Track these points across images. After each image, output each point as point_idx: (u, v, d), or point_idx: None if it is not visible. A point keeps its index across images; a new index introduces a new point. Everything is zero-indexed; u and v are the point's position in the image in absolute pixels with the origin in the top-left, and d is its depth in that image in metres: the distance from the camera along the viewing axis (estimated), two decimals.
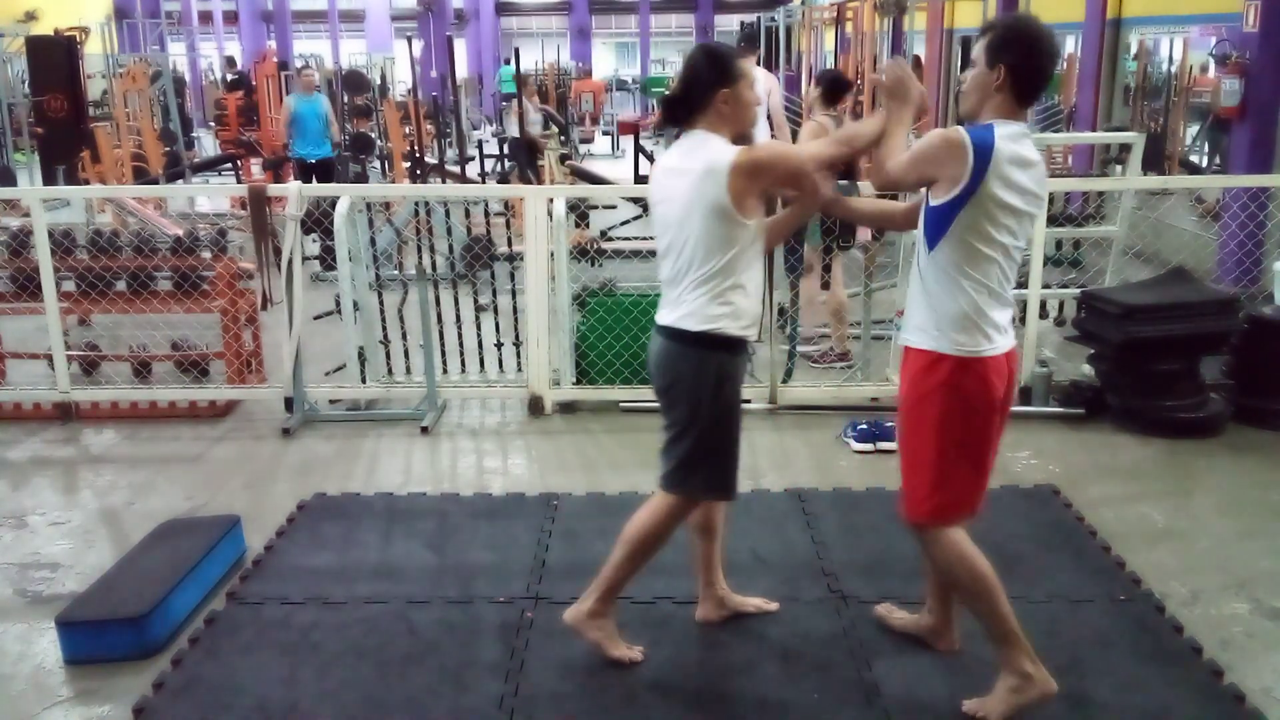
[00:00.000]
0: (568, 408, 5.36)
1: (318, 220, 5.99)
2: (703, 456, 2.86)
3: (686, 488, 2.89)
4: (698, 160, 2.74)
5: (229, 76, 18.50)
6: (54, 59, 12.92)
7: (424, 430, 5.10)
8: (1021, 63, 2.57)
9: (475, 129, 18.28)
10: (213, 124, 17.41)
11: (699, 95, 2.77)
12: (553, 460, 4.81)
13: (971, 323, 2.60)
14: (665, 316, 2.86)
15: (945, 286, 2.62)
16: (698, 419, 2.82)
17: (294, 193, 5.28)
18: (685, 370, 2.81)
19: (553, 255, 5.24)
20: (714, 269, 2.74)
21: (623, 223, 8.70)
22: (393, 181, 11.55)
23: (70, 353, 5.56)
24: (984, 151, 2.52)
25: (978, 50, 2.63)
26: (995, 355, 2.63)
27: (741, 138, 2.81)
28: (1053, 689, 2.69)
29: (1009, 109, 2.60)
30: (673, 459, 2.88)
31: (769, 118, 7.25)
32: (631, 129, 14.92)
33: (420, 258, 5.70)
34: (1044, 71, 2.62)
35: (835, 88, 6.10)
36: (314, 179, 9.60)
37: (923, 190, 2.70)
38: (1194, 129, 12.19)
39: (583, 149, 18.01)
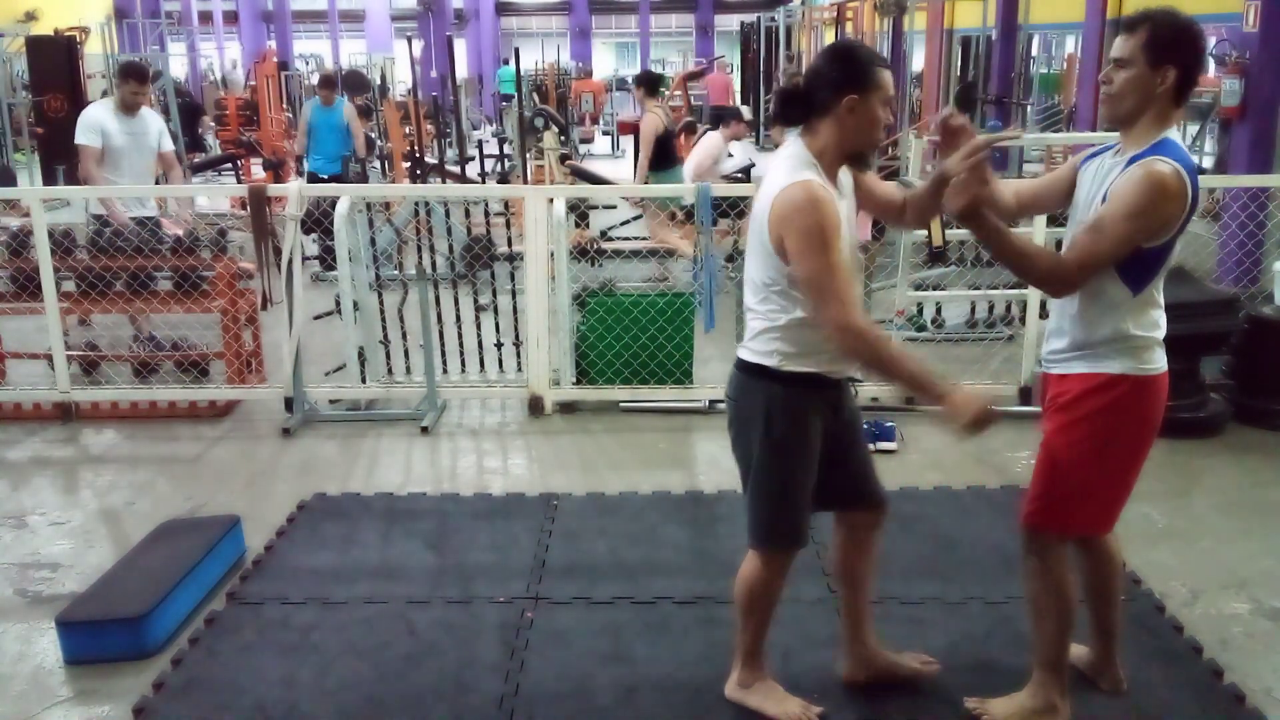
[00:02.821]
0: (568, 408, 5.36)
1: (318, 220, 5.99)
2: (762, 497, 2.63)
3: (753, 533, 2.67)
4: (769, 179, 2.46)
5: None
6: (54, 59, 12.91)
7: (424, 430, 5.10)
8: (1190, 62, 2.39)
9: (475, 129, 18.29)
10: (213, 124, 17.37)
11: (823, 95, 2.41)
12: (553, 460, 4.81)
13: (1152, 341, 2.49)
14: (741, 343, 2.65)
15: (1135, 321, 2.45)
16: (750, 456, 2.61)
17: (294, 193, 5.28)
18: (741, 401, 2.62)
19: (553, 255, 5.24)
20: (767, 298, 2.51)
21: (623, 223, 8.69)
22: (393, 181, 11.54)
23: (70, 353, 5.56)
24: (1196, 183, 2.36)
25: (1130, 49, 2.39)
26: (1165, 371, 2.52)
27: (859, 158, 2.50)
28: None
29: (1170, 113, 2.42)
30: (751, 508, 2.67)
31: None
32: (631, 129, 14.90)
33: (420, 258, 5.70)
34: (1201, 71, 2.49)
35: (652, 82, 8.07)
36: None
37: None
38: (1193, 129, 12.18)
39: (583, 149, 18.01)
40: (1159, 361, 2.51)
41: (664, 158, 7.99)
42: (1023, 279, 2.50)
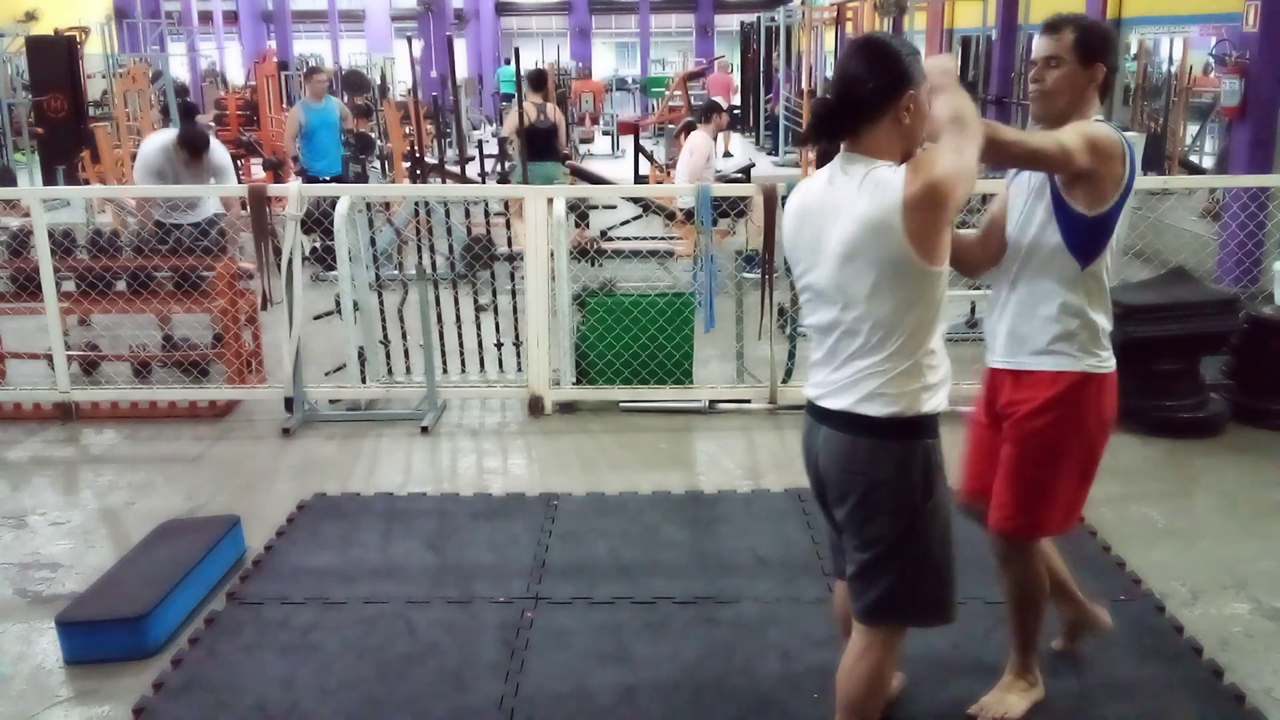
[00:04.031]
0: (568, 408, 5.36)
1: (318, 220, 5.99)
2: (922, 575, 2.26)
3: (904, 616, 2.32)
4: (861, 198, 2.12)
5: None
6: (54, 59, 12.91)
7: (424, 430, 5.10)
8: (1115, 62, 2.55)
9: (475, 129, 18.28)
10: (212, 124, 17.37)
11: (875, 102, 2.13)
12: (553, 460, 4.81)
13: (1106, 336, 2.56)
14: (838, 399, 2.22)
15: (1089, 300, 2.51)
16: (913, 530, 2.24)
17: (294, 193, 5.28)
18: (885, 471, 2.20)
19: (553, 255, 5.24)
20: (905, 339, 2.15)
21: (623, 223, 8.70)
22: (393, 181, 11.54)
23: (70, 353, 5.56)
24: (1132, 150, 2.48)
25: (1061, 49, 2.47)
26: (1116, 370, 2.62)
27: (908, 155, 2.22)
28: (1043, 695, 2.83)
29: (1094, 108, 2.52)
30: (882, 586, 2.25)
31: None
32: (631, 129, 14.92)
33: (420, 258, 5.70)
34: (1119, 70, 2.69)
35: (531, 78, 8.82)
36: None
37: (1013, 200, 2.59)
38: (1194, 129, 12.20)
39: (583, 149, 18.01)
40: (1112, 359, 2.60)
41: (535, 150, 8.25)
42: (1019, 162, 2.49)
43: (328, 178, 8.82)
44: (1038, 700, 2.79)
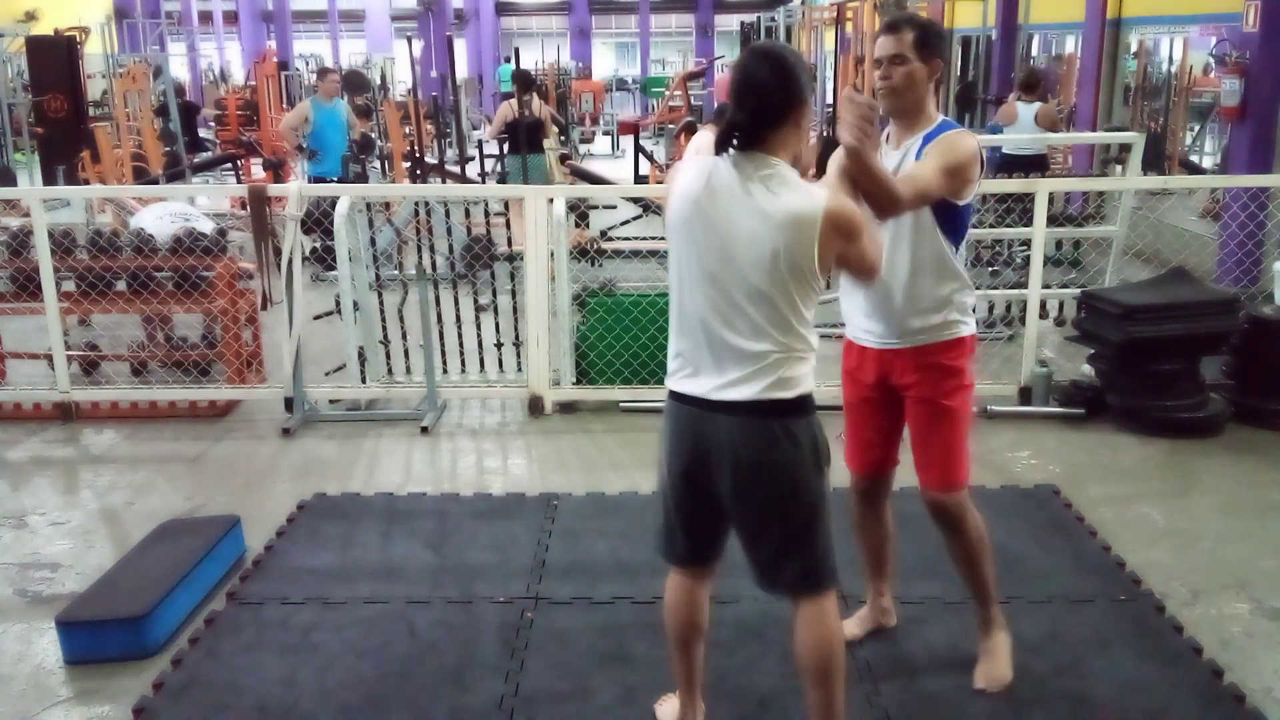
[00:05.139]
0: (568, 408, 5.36)
1: (318, 220, 5.99)
2: (821, 540, 2.40)
3: (824, 577, 2.42)
4: (777, 199, 2.24)
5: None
6: (54, 59, 12.93)
7: (424, 430, 5.10)
8: (946, 56, 2.70)
9: (475, 129, 18.28)
10: (212, 124, 17.38)
11: (783, 110, 2.27)
12: (553, 460, 4.81)
13: (971, 296, 2.82)
14: (742, 389, 2.28)
15: (964, 274, 2.78)
16: (822, 496, 2.37)
17: (294, 193, 5.28)
18: (804, 449, 2.31)
19: (553, 255, 5.24)
20: (801, 328, 2.30)
21: (623, 223, 8.69)
22: (393, 181, 11.54)
23: (70, 353, 5.56)
24: (982, 150, 2.73)
25: (903, 47, 2.63)
26: None
27: (797, 156, 2.37)
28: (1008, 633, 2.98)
29: (934, 99, 2.73)
30: (805, 555, 2.38)
31: None
32: (631, 129, 14.92)
33: (420, 258, 5.70)
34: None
35: (525, 81, 8.78)
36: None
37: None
38: (1194, 129, 12.19)
39: (583, 149, 18.02)
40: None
41: (518, 143, 8.38)
42: (873, 203, 2.50)
43: (333, 178, 8.65)
44: (1009, 641, 2.95)
